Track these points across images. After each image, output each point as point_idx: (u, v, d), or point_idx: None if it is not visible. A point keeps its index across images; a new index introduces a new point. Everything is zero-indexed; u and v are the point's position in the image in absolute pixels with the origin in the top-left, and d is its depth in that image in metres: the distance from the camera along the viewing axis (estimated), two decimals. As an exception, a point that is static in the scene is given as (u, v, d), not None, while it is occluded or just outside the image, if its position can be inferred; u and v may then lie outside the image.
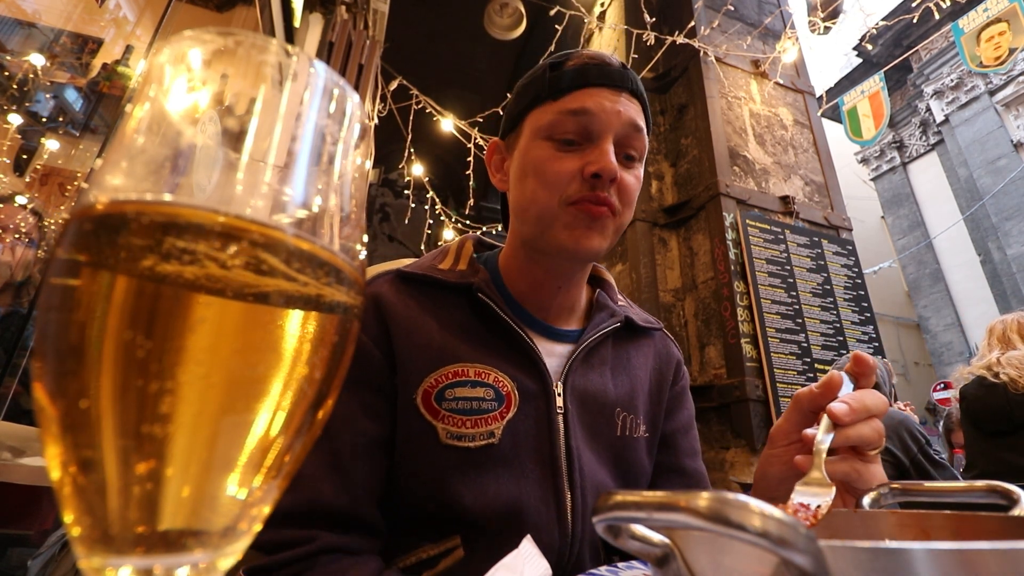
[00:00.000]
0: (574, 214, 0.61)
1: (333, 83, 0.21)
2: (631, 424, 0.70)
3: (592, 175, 0.59)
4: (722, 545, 0.20)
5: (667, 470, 0.75)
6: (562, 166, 0.61)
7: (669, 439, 0.76)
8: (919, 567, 0.17)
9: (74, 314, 0.16)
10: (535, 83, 0.67)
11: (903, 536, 0.31)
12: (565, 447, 0.63)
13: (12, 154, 2.23)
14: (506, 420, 0.61)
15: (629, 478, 0.69)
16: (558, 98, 0.63)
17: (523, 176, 0.64)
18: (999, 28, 3.10)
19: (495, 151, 0.74)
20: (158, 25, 2.45)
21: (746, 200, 3.01)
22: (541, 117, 0.64)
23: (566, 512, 0.60)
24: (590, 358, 0.70)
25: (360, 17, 3.18)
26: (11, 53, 2.29)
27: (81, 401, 0.16)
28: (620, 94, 0.63)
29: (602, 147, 0.60)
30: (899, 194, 9.87)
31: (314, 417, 0.20)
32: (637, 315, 0.79)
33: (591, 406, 0.67)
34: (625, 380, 0.72)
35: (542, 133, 0.63)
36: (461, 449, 0.59)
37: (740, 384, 2.60)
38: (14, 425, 1.39)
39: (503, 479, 0.59)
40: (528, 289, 0.70)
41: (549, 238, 0.63)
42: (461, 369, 0.62)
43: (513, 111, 0.70)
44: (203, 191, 0.19)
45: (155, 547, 0.16)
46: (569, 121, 0.61)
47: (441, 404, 0.60)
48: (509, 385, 0.63)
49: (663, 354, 0.79)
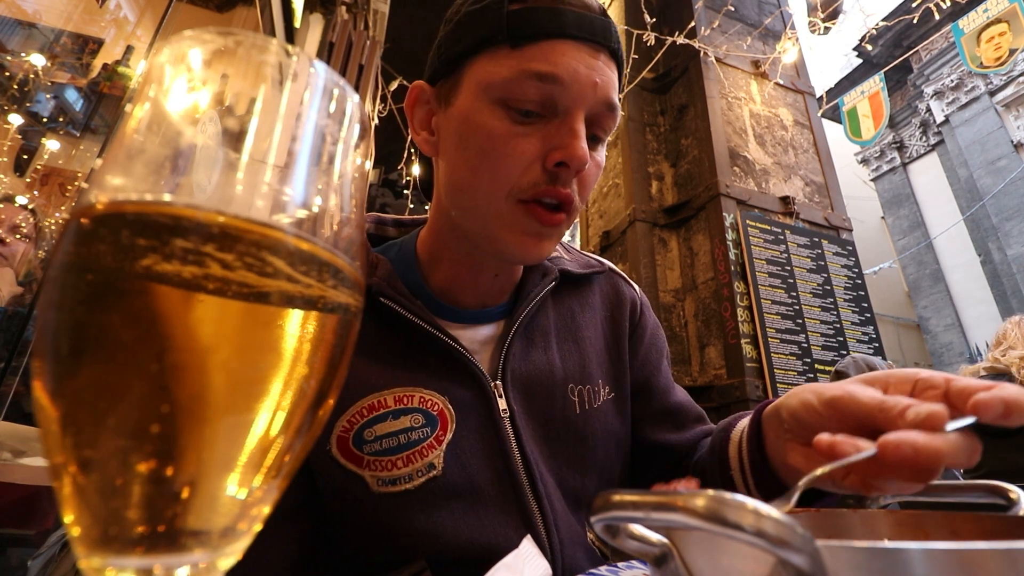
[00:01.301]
0: (523, 218, 0.49)
1: (333, 83, 0.21)
2: (589, 395, 0.61)
3: (557, 164, 0.48)
4: (720, 545, 0.20)
5: (651, 417, 0.67)
6: (518, 147, 0.48)
7: (643, 385, 0.67)
8: (917, 567, 0.17)
9: (74, 314, 0.16)
10: (486, 15, 0.49)
11: (901, 536, 0.31)
12: (520, 456, 0.54)
13: (12, 154, 2.23)
14: (445, 444, 0.52)
15: (598, 452, 0.61)
16: (519, 46, 0.47)
17: (462, 148, 0.50)
18: (999, 28, 3.10)
19: (419, 99, 0.56)
20: (158, 25, 2.45)
21: (746, 200, 3.01)
22: (493, 69, 0.48)
23: (539, 529, 0.53)
24: (529, 333, 0.60)
25: (360, 17, 3.18)
26: (12, 53, 2.29)
27: (81, 401, 0.16)
28: (599, 54, 0.49)
29: (572, 126, 0.47)
30: (899, 194, 9.87)
31: (314, 417, 0.20)
32: (575, 262, 0.67)
33: (539, 392, 0.58)
34: (572, 348, 0.62)
35: (493, 93, 0.48)
36: (399, 494, 0.49)
37: (740, 384, 2.60)
38: (14, 425, 1.39)
39: (458, 513, 0.51)
40: (456, 276, 0.58)
41: (490, 236, 0.51)
42: (377, 400, 0.51)
43: (451, 48, 0.52)
44: (203, 191, 0.19)
45: (155, 547, 0.16)
46: (532, 87, 0.47)
47: (362, 448, 0.49)
48: (440, 402, 0.53)
49: (612, 297, 0.68)
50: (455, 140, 0.51)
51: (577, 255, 0.70)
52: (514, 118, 0.48)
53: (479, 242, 0.53)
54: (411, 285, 0.58)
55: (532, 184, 0.49)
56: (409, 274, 0.59)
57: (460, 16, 0.52)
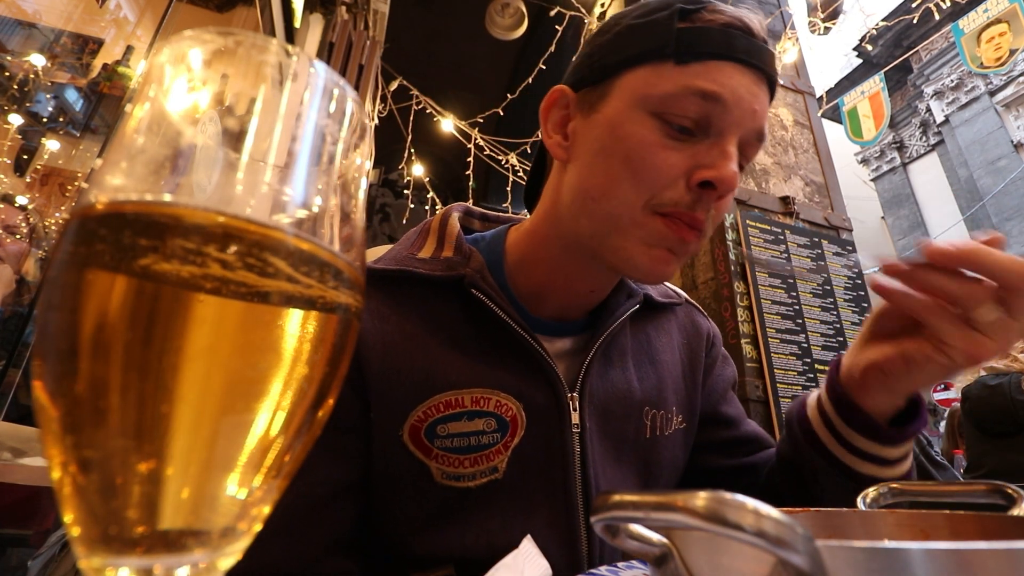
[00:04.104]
0: (660, 231, 0.47)
1: (333, 83, 0.21)
2: (662, 421, 0.60)
3: (701, 184, 0.46)
4: (720, 545, 0.20)
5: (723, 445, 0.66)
6: (668, 159, 0.46)
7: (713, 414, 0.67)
8: (917, 567, 0.17)
9: (75, 314, 0.16)
10: (654, 29, 0.49)
11: (902, 536, 0.31)
12: (581, 477, 0.53)
13: (12, 154, 2.23)
14: (511, 450, 0.51)
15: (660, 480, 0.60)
16: (686, 63, 0.47)
17: (606, 155, 0.49)
18: (999, 29, 3.10)
19: (557, 103, 0.55)
20: (158, 25, 2.46)
21: (746, 200, 3.01)
22: (655, 82, 0.47)
23: (581, 554, 0.51)
24: (609, 352, 0.59)
25: (360, 17, 3.18)
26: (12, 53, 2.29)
27: (81, 401, 0.16)
28: (761, 82, 0.49)
29: (725, 148, 0.46)
30: (899, 194, 9.87)
31: (314, 417, 0.20)
32: (655, 289, 0.67)
33: (615, 412, 0.57)
34: (650, 371, 0.61)
35: (650, 105, 0.47)
36: (460, 489, 0.50)
37: (740, 384, 2.60)
38: (14, 425, 1.39)
39: (508, 516, 0.51)
40: (548, 282, 0.57)
41: (615, 247, 0.49)
42: (455, 398, 0.51)
43: (605, 56, 0.51)
44: (203, 191, 0.19)
45: (155, 547, 0.16)
46: (693, 103, 0.46)
47: (433, 442, 0.50)
48: (514, 407, 0.52)
49: (689, 328, 0.69)
50: (595, 147, 0.50)
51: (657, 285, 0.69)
52: (667, 132, 0.47)
53: (601, 251, 0.51)
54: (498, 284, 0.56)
55: (672, 202, 0.47)
56: (495, 272, 0.57)
57: (622, 27, 0.51)
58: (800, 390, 2.53)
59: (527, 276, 0.57)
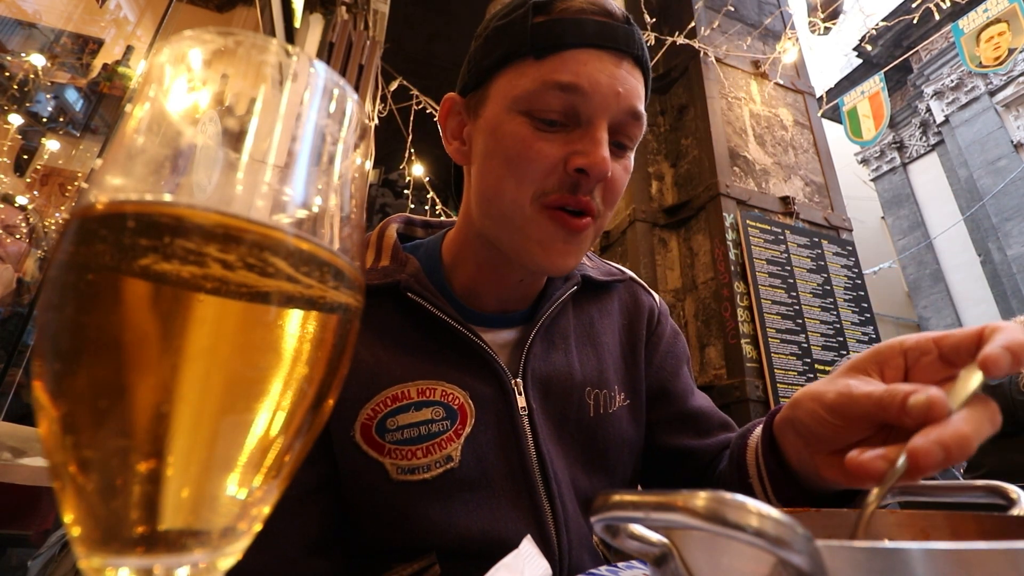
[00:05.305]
0: (549, 226, 0.50)
1: (333, 83, 0.21)
2: (605, 400, 0.62)
3: (577, 169, 0.48)
4: (720, 545, 0.20)
5: (670, 422, 0.67)
6: (542, 151, 0.49)
7: (660, 391, 0.67)
8: (917, 567, 0.17)
9: (75, 314, 0.16)
10: (512, 28, 0.51)
11: (901, 536, 0.31)
12: (536, 455, 0.55)
13: (12, 154, 2.23)
14: (463, 438, 0.53)
15: (609, 456, 0.62)
16: (542, 57, 0.49)
17: (491, 157, 0.52)
18: (999, 28, 3.10)
19: (452, 110, 0.58)
20: (158, 25, 2.46)
21: (746, 200, 3.01)
22: (517, 81, 0.50)
23: (549, 528, 0.54)
24: (550, 335, 0.61)
25: (360, 17, 3.18)
26: (11, 53, 2.29)
27: (81, 401, 0.16)
28: (622, 62, 0.50)
29: (594, 135, 0.48)
30: (899, 194, 9.87)
31: (314, 417, 0.20)
32: (597, 269, 0.68)
33: (557, 393, 0.59)
34: (591, 352, 0.63)
35: (518, 105, 0.50)
36: (417, 483, 0.51)
37: (740, 385, 2.60)
38: (14, 425, 1.39)
39: (472, 505, 0.52)
40: (479, 279, 0.59)
41: (516, 247, 0.52)
42: (401, 391, 0.52)
43: (480, 62, 0.54)
44: (203, 191, 0.19)
45: (155, 547, 0.16)
46: (554, 97, 0.48)
47: (384, 437, 0.51)
48: (461, 396, 0.54)
49: (630, 306, 0.69)
50: (483, 149, 0.53)
51: (599, 263, 0.71)
52: (538, 127, 0.49)
53: (508, 252, 0.54)
54: (435, 285, 0.59)
55: (555, 188, 0.49)
56: (434, 275, 0.60)
57: (488, 31, 0.55)
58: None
59: (461, 275, 0.60)
